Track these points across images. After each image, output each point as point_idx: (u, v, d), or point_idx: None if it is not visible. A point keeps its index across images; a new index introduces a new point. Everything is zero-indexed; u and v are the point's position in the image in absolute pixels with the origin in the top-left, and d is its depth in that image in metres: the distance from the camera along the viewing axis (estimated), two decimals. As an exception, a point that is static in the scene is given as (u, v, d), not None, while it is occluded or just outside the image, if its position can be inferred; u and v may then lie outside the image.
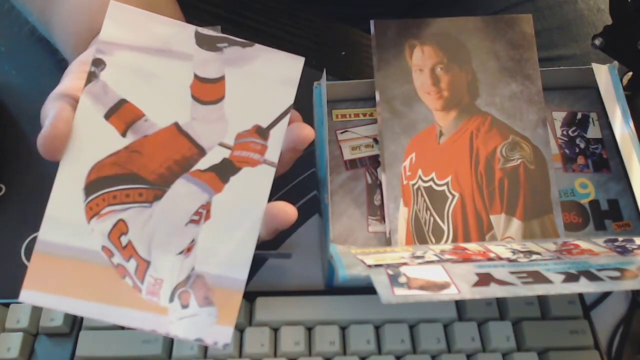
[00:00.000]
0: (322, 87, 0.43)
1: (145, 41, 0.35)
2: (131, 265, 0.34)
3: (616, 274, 0.32)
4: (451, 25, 0.45)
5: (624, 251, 0.36)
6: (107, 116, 0.35)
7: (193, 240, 0.34)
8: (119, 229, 0.34)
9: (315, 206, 0.47)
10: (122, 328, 0.40)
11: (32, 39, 0.55)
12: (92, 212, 0.34)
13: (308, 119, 0.44)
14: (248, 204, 0.35)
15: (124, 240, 0.34)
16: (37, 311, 0.40)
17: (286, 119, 0.35)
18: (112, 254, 0.34)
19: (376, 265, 0.34)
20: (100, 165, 0.34)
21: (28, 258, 0.45)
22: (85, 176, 0.34)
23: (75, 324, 0.40)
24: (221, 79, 0.35)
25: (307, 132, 0.35)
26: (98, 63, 0.35)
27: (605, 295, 0.43)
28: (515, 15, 0.46)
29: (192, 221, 0.34)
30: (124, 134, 0.35)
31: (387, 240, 0.42)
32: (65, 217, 0.34)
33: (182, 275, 0.34)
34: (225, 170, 0.35)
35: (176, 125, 0.35)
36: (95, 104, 0.35)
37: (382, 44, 0.45)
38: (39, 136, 0.33)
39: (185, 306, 0.33)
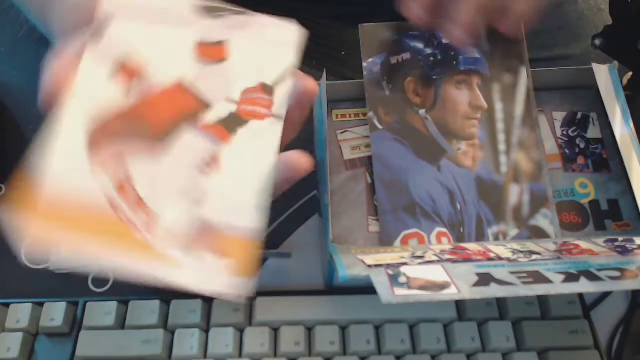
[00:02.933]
0: (322, 87, 0.43)
1: (146, 12, 0.35)
2: (140, 218, 0.33)
3: (616, 274, 0.32)
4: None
5: (624, 251, 0.36)
6: (111, 74, 0.34)
7: (203, 191, 0.34)
8: (126, 182, 0.33)
9: (315, 206, 0.47)
10: (122, 327, 0.40)
11: (32, 39, 0.55)
12: (98, 167, 0.34)
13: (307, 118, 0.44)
14: (257, 154, 0.34)
15: (131, 193, 0.33)
16: (37, 311, 0.40)
17: (291, 77, 0.35)
18: (120, 209, 0.33)
19: (376, 266, 0.34)
20: (105, 122, 0.34)
21: (28, 258, 0.45)
22: (89, 133, 0.33)
23: (75, 324, 0.40)
24: (224, 42, 0.36)
25: (311, 85, 0.35)
26: (100, 27, 0.35)
27: (605, 295, 0.43)
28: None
29: (201, 172, 0.34)
30: (127, 92, 0.34)
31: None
32: (69, 174, 0.33)
33: (193, 226, 0.34)
34: (232, 123, 0.35)
35: (181, 82, 0.35)
36: (98, 62, 0.34)
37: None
38: (42, 82, 0.32)
39: (197, 257, 0.33)
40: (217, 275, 0.32)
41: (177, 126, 0.34)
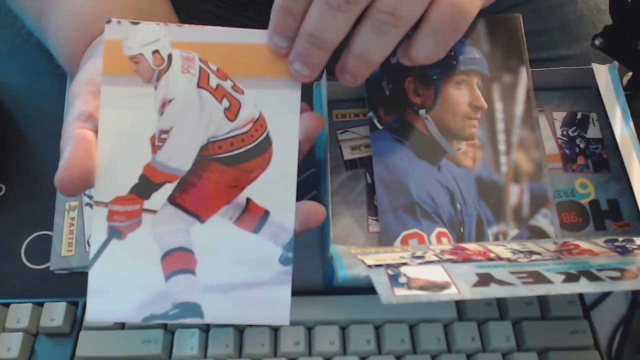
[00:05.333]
0: (322, 87, 0.43)
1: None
2: None
3: (616, 274, 0.32)
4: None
5: (624, 251, 0.36)
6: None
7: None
8: None
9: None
10: (122, 327, 0.40)
11: (32, 40, 0.55)
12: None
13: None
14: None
15: None
16: (37, 311, 0.40)
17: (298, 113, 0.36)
18: None
19: (376, 266, 0.34)
20: None
21: (28, 258, 0.45)
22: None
23: (75, 324, 0.40)
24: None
25: (319, 121, 0.36)
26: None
27: (605, 295, 0.43)
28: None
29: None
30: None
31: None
32: None
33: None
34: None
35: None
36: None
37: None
38: (56, 175, 0.32)
39: None
40: None
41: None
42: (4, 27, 0.56)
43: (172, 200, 0.35)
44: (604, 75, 0.45)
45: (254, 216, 0.36)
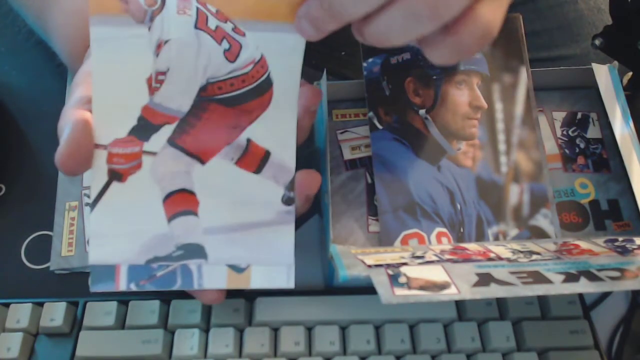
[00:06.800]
0: (322, 87, 0.43)
1: None
2: None
3: (616, 274, 0.32)
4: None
5: (624, 251, 0.36)
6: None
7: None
8: None
9: (316, 206, 0.47)
10: (122, 327, 0.40)
11: (32, 40, 0.55)
12: None
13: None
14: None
15: None
16: (37, 311, 0.40)
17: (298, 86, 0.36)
18: None
19: (376, 265, 0.34)
20: None
21: (28, 258, 0.45)
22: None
23: (75, 324, 0.40)
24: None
25: (316, 92, 0.36)
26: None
27: (605, 295, 0.43)
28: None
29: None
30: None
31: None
32: None
33: None
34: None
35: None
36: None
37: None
38: (57, 152, 0.32)
39: None
40: None
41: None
42: (4, 27, 0.56)
43: (172, 141, 0.35)
44: (604, 75, 0.45)
45: (254, 157, 0.35)
